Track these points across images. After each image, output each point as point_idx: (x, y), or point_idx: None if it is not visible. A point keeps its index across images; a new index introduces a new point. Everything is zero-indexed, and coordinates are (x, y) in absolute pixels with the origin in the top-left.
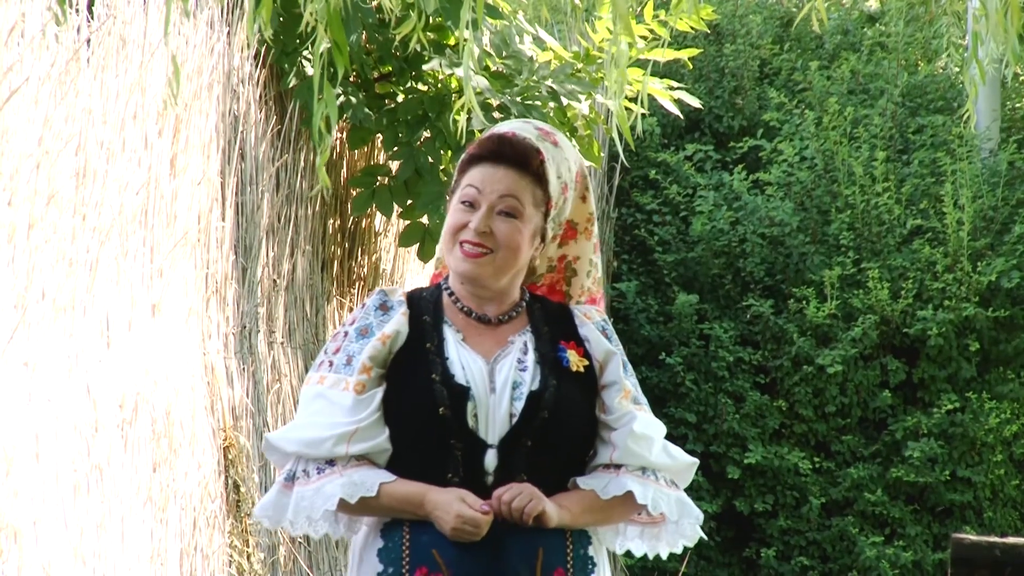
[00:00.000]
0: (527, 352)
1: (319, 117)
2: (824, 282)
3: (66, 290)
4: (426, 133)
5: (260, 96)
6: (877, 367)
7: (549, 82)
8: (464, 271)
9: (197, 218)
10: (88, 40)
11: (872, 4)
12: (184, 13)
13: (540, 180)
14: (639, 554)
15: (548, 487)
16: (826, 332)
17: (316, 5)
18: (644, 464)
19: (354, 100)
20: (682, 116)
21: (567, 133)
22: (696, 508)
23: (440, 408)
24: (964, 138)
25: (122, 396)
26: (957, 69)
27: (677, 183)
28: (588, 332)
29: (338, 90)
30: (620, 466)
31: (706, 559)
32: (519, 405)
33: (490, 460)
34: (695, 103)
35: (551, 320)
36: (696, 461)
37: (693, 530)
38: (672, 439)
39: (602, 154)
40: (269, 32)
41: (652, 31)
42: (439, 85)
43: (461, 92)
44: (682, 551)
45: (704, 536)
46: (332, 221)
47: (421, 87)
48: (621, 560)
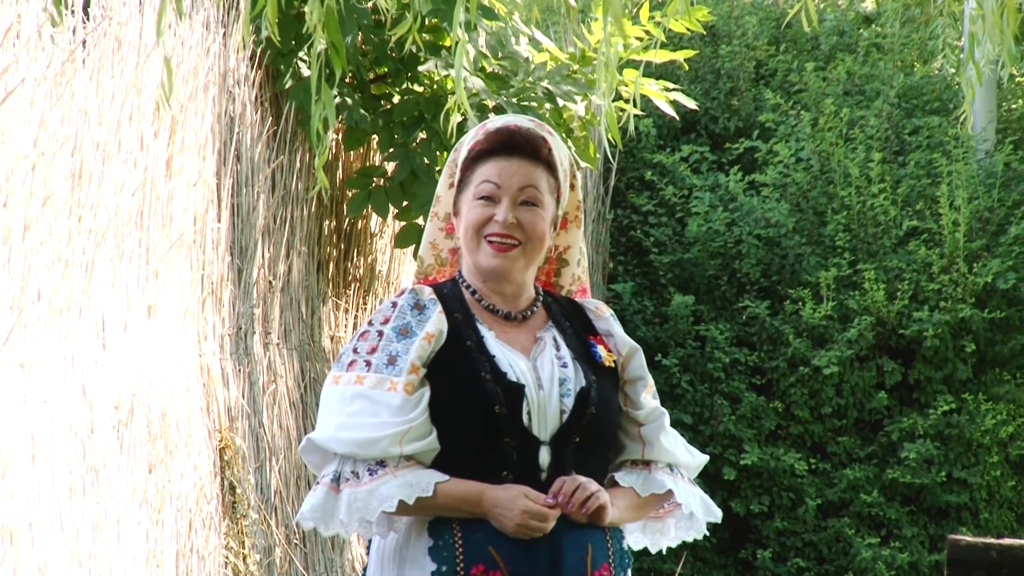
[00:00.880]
0: (560, 348)
1: (317, 118)
2: (820, 283)
3: (62, 291)
4: (422, 134)
5: (256, 97)
6: (873, 368)
7: (545, 83)
8: (495, 267)
9: (193, 219)
10: (84, 41)
11: (868, 5)
12: (178, 14)
13: (550, 167)
14: (638, 547)
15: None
16: (822, 333)
17: (312, 6)
18: (672, 461)
19: (350, 101)
20: (678, 117)
21: (562, 134)
22: (716, 507)
23: (496, 406)
24: (960, 139)
25: (118, 397)
26: (953, 70)
27: (673, 184)
28: (607, 327)
29: (334, 91)
30: (649, 462)
31: (702, 560)
32: (568, 402)
33: (544, 457)
34: (691, 104)
35: (568, 315)
36: (706, 458)
37: (702, 528)
38: None
39: (598, 155)
40: (275, 33)
41: (648, 32)
42: (435, 86)
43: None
44: (679, 550)
45: (700, 537)
46: (328, 222)
47: (417, 88)
48: None
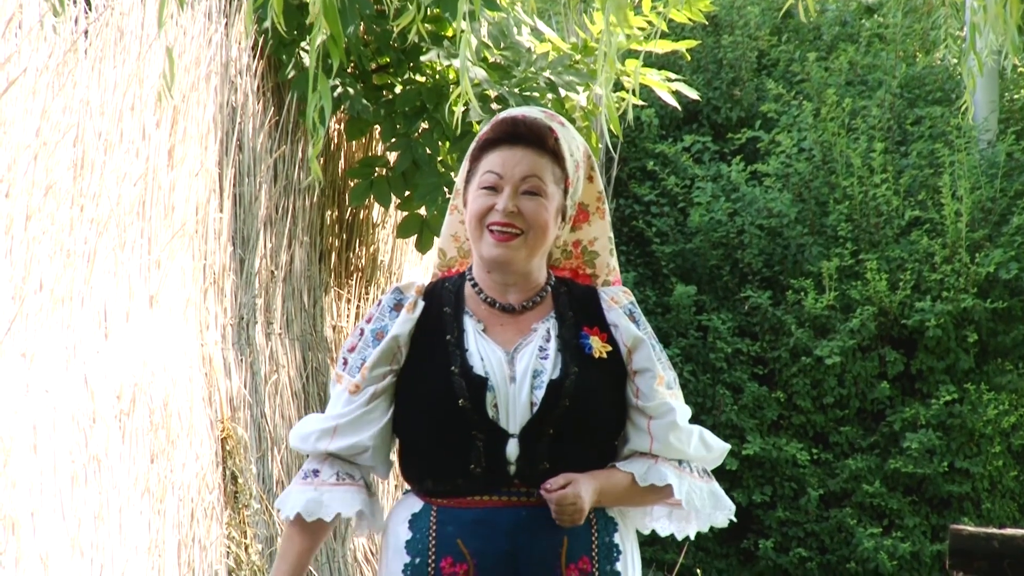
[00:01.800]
0: (549, 339)
1: (313, 109)
2: (822, 273)
3: (64, 281)
4: (424, 124)
5: (258, 87)
6: (875, 358)
7: (547, 73)
8: (496, 256)
9: (195, 209)
10: (86, 31)
11: None
12: (180, 4)
13: (557, 158)
14: (665, 534)
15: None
16: (824, 323)
17: None
18: (682, 457)
19: (352, 91)
20: (680, 107)
21: None
22: (728, 499)
23: (459, 400)
24: (962, 129)
25: (120, 387)
26: (955, 60)
27: (675, 174)
28: (616, 318)
29: (336, 81)
30: (657, 455)
31: (704, 550)
32: (539, 394)
33: (512, 450)
34: (693, 95)
35: (577, 305)
36: (728, 446)
37: (725, 518)
38: None
39: (600, 145)
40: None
41: (650, 22)
42: (437, 76)
43: (459, 83)
44: (681, 540)
45: (724, 524)
46: (330, 212)
47: (419, 78)
48: None
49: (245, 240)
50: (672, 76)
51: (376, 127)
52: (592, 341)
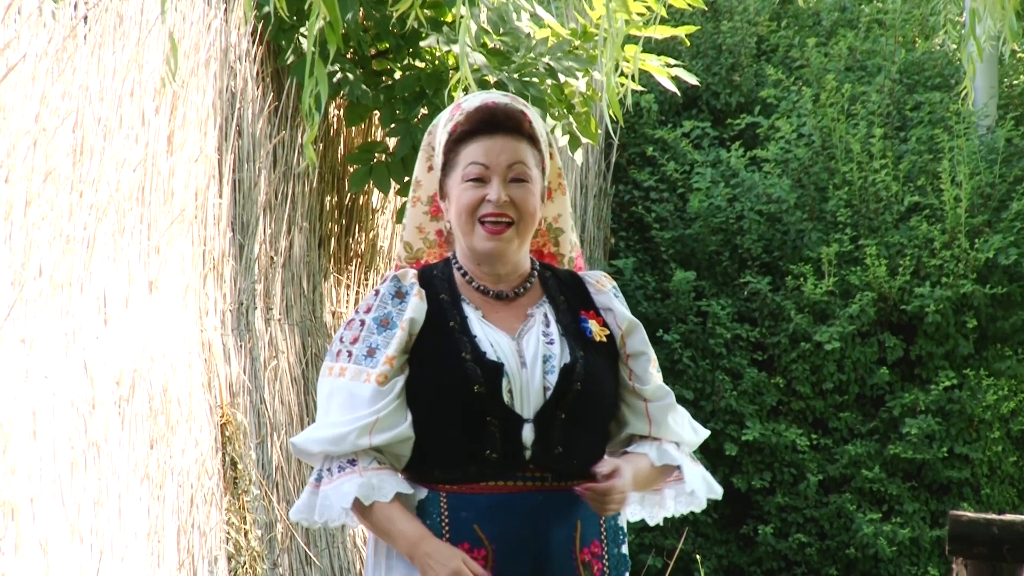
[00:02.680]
0: (549, 324)
1: (309, 94)
2: (821, 259)
3: (63, 267)
4: (423, 110)
5: (257, 73)
6: (875, 344)
7: (546, 59)
8: (490, 249)
9: (194, 195)
10: (85, 17)
11: None
12: None
13: (533, 141)
14: (635, 519)
15: (582, 458)
16: (824, 309)
17: None
18: (679, 440)
19: (351, 77)
20: (679, 93)
21: (564, 110)
22: (717, 484)
23: (475, 386)
24: (962, 115)
25: (119, 373)
26: (955, 46)
27: (674, 160)
28: (607, 301)
29: (335, 67)
30: (658, 438)
31: (703, 536)
32: (552, 378)
33: (527, 435)
34: (692, 80)
35: (565, 290)
36: (707, 433)
37: (702, 503)
38: None
39: (600, 131)
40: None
41: (649, 8)
42: (436, 62)
43: (458, 69)
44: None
45: (698, 511)
46: (329, 198)
47: (418, 64)
48: None
49: (244, 226)
50: (671, 62)
51: (375, 113)
52: (591, 325)
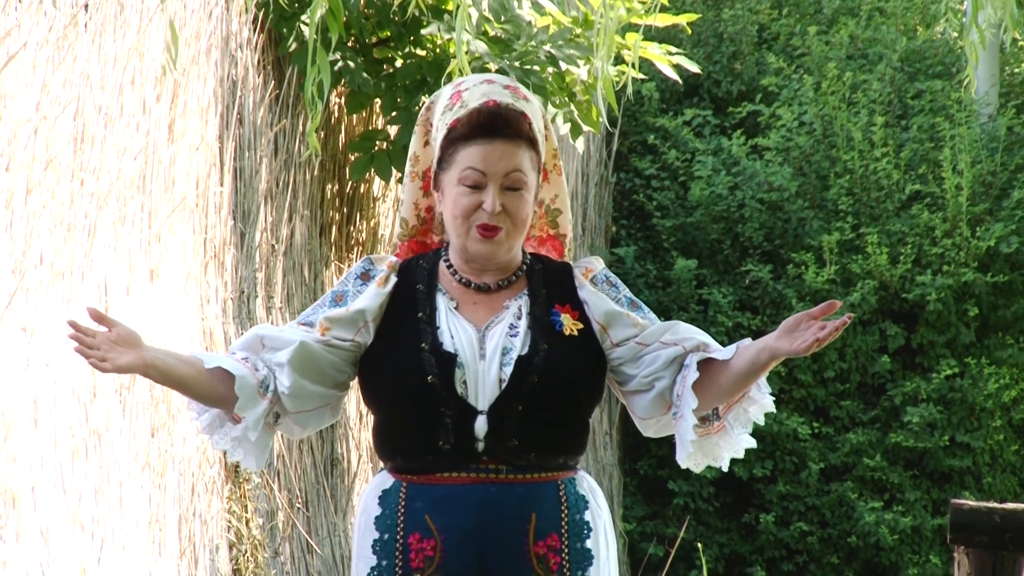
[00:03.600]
0: (520, 317)
1: (311, 82)
2: (823, 247)
3: (64, 255)
4: (424, 98)
5: (258, 61)
6: (876, 332)
7: (547, 47)
8: (483, 252)
9: (195, 183)
10: (86, 5)
11: None
12: None
13: (532, 143)
14: (699, 470)
15: (541, 452)
16: (825, 297)
17: None
18: (708, 341)
19: (352, 65)
20: (680, 81)
21: (566, 97)
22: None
23: (428, 376)
24: (963, 103)
25: None
26: (956, 34)
27: (676, 148)
28: (587, 295)
29: (336, 55)
30: (690, 350)
31: (705, 524)
32: (508, 370)
33: (480, 426)
34: (694, 68)
35: (550, 282)
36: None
37: (760, 414)
38: None
39: (600, 119)
40: None
41: None
42: (437, 50)
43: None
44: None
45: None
46: (330, 186)
47: (419, 52)
48: (620, 525)
49: (246, 214)
50: (673, 50)
51: (377, 101)
52: (563, 319)
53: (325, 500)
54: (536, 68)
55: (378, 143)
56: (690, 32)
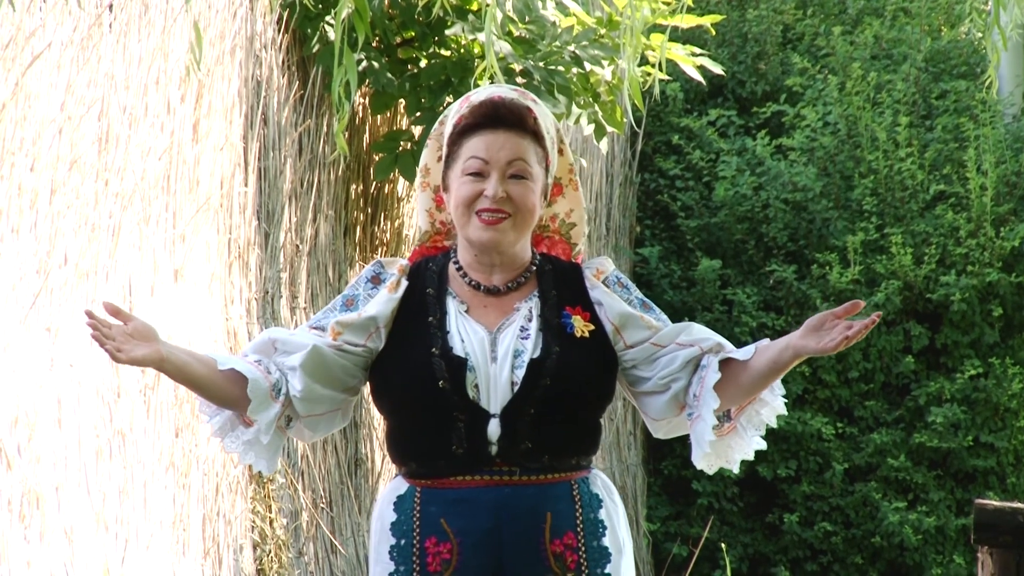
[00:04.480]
0: (531, 319)
1: (339, 83)
2: (847, 247)
3: (88, 255)
4: (449, 98)
5: (283, 61)
6: (900, 332)
7: (572, 47)
8: (486, 239)
9: (220, 183)
10: (110, 5)
11: None
12: None
13: (537, 137)
14: (712, 471)
15: (554, 453)
16: (849, 297)
17: None
18: (722, 340)
19: (376, 65)
20: (705, 82)
21: (590, 98)
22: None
23: (440, 381)
24: (987, 103)
25: None
26: (980, 34)
27: (700, 148)
28: (600, 295)
29: (361, 55)
30: (712, 348)
31: (728, 524)
32: (520, 373)
33: (493, 430)
34: (717, 70)
35: (560, 283)
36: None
37: (772, 416)
38: None
39: (625, 120)
40: None
41: None
42: (462, 50)
43: (484, 57)
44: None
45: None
46: (355, 186)
47: (444, 52)
48: (644, 525)
49: (270, 214)
50: (697, 50)
51: (401, 101)
52: (574, 320)
53: (349, 500)
54: (560, 68)
55: (402, 143)
56: (714, 33)
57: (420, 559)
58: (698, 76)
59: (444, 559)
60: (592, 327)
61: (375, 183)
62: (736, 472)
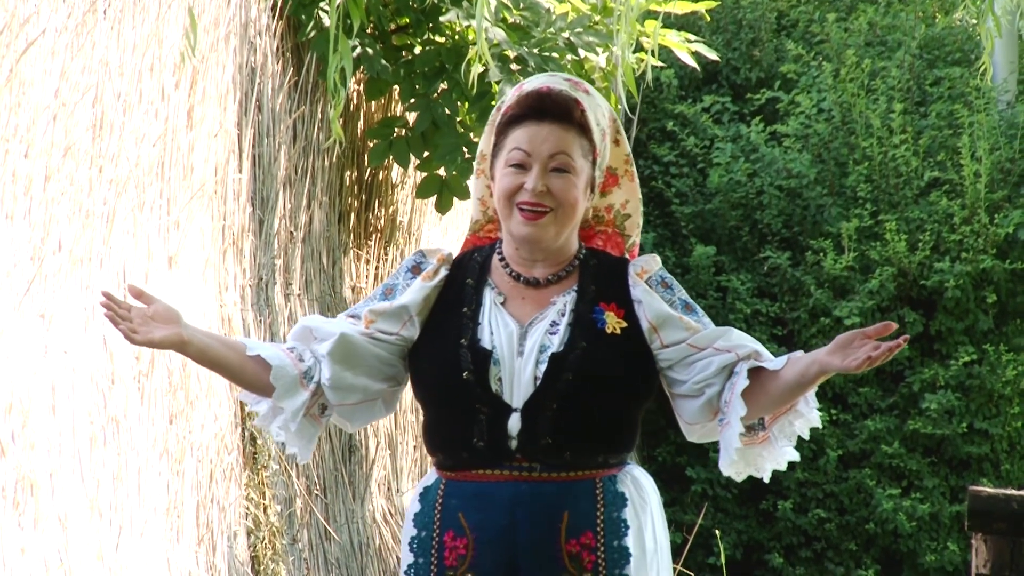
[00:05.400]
0: (564, 314)
1: (334, 70)
2: (841, 234)
3: (82, 242)
4: (443, 85)
5: (277, 48)
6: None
7: (566, 34)
8: (526, 235)
9: (214, 170)
10: None
11: None
12: None
13: (584, 130)
14: (741, 479)
15: (576, 450)
16: (843, 284)
17: None
18: (759, 347)
19: (371, 52)
20: (699, 68)
21: None
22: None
23: (464, 372)
24: (981, 90)
25: (139, 348)
26: (974, 21)
27: (694, 135)
28: (640, 294)
29: (355, 42)
30: (742, 357)
31: (723, 511)
32: (543, 368)
33: (513, 424)
34: (712, 56)
35: (602, 279)
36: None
37: (805, 428)
38: None
39: (620, 106)
40: None
41: None
42: (456, 37)
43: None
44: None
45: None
46: (349, 173)
47: (438, 39)
48: None
49: (264, 201)
50: (691, 37)
51: (395, 88)
52: (607, 316)
53: (343, 487)
54: (555, 55)
55: (396, 130)
56: (709, 19)
57: (438, 552)
58: (692, 63)
59: (460, 554)
60: (624, 324)
61: (369, 170)
62: (765, 480)
